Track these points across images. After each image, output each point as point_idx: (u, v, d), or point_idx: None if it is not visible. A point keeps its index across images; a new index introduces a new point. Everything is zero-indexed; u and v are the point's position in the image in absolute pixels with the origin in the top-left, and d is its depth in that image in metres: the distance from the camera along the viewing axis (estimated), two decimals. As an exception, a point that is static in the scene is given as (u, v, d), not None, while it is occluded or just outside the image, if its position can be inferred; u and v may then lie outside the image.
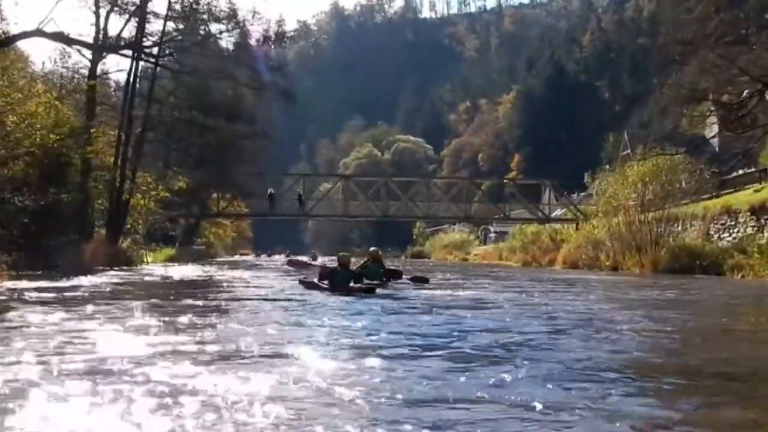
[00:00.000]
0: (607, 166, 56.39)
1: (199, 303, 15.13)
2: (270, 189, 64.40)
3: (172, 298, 16.66)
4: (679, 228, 38.88)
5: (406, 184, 72.11)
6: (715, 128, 68.56)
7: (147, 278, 25.21)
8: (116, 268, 29.61)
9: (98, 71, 38.97)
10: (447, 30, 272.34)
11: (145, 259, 43.51)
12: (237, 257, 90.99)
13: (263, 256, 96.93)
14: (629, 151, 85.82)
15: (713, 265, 32.25)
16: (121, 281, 22.40)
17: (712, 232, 37.72)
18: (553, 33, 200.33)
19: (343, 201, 68.05)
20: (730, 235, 36.22)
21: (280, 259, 76.22)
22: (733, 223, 36.31)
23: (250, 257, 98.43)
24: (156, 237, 61.89)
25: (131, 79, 38.80)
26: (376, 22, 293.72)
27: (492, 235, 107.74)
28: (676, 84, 37.67)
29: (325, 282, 18.61)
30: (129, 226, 40.52)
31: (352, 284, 18.23)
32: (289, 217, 73.37)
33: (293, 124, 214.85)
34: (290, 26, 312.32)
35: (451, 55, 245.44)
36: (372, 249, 22.72)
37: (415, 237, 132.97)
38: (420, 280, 22.76)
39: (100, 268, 28.21)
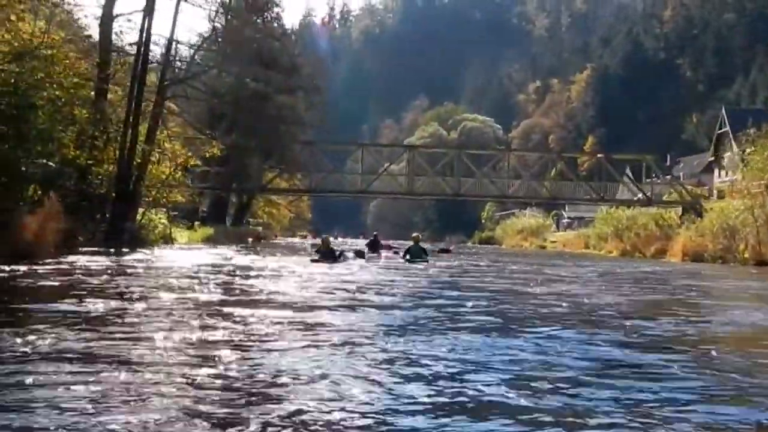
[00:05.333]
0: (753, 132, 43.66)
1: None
2: None
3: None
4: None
5: (480, 159, 62.33)
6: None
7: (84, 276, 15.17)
8: (74, 254, 20.49)
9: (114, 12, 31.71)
10: (516, 9, 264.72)
11: (172, 239, 36.49)
12: (288, 239, 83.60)
13: (308, 239, 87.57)
14: (728, 128, 77.87)
15: None
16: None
17: None
18: (629, 10, 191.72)
19: (407, 177, 59.49)
20: None
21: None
22: None
23: (295, 240, 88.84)
24: (202, 215, 55.55)
25: (146, 14, 30.97)
26: (443, 0, 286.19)
27: (565, 220, 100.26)
28: None
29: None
30: (150, 198, 33.26)
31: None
32: (343, 195, 65.18)
33: (356, 103, 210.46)
34: (355, 5, 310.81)
35: (520, 34, 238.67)
36: (414, 234, 31.52)
37: (483, 221, 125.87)
38: (444, 251, 30.88)
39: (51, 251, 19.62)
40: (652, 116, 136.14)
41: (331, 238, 29.03)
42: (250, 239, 56.25)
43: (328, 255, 24.99)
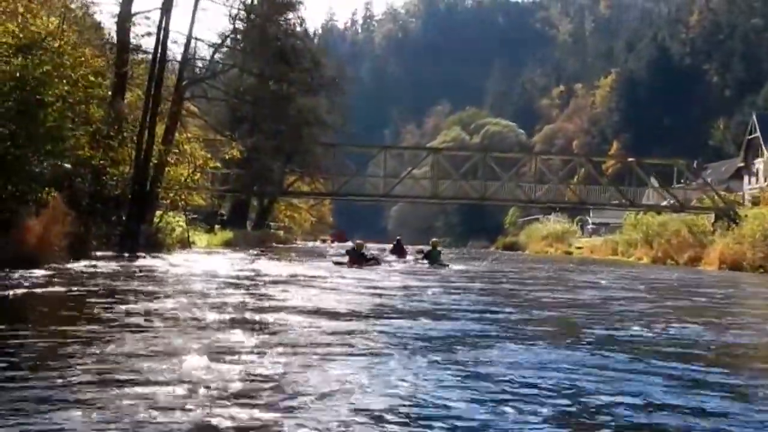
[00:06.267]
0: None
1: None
2: None
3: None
4: None
5: (504, 163, 60.77)
6: None
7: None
8: (84, 259, 19.97)
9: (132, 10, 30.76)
10: (539, 14, 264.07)
11: (190, 243, 35.55)
12: (310, 244, 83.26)
13: (328, 242, 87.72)
14: (758, 134, 76.67)
15: None
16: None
17: None
18: (653, 15, 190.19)
19: (431, 180, 58.39)
20: None
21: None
22: None
23: (317, 244, 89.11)
24: (221, 219, 54.91)
25: (164, 11, 29.93)
26: (466, 5, 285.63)
27: (590, 226, 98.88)
28: None
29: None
30: (168, 201, 32.34)
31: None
32: (366, 199, 63.95)
33: (378, 108, 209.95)
34: (378, 9, 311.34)
35: (543, 39, 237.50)
36: (433, 240, 31.42)
37: (506, 227, 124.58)
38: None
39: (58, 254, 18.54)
40: (678, 122, 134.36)
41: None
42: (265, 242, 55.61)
43: (354, 258, 24.89)
